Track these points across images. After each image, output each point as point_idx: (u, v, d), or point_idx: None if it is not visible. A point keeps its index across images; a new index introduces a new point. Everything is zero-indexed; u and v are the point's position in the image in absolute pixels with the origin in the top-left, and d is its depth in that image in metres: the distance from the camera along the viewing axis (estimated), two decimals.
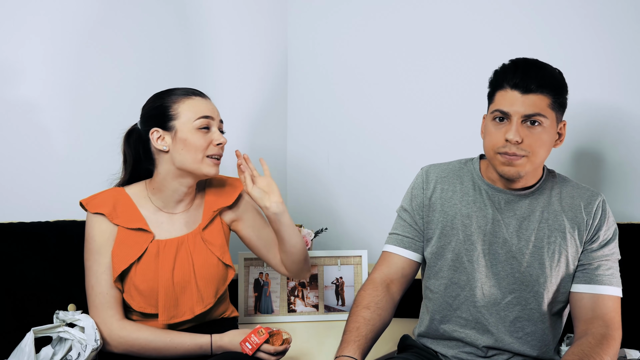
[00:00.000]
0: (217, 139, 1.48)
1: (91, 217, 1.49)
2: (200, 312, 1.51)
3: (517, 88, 1.33)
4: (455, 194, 1.49)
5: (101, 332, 1.44)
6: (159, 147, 1.48)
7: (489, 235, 1.43)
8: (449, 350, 1.46)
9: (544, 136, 1.34)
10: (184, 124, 1.46)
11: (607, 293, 1.37)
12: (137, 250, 1.47)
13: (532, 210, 1.42)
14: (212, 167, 1.49)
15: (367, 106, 2.32)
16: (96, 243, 1.47)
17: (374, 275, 1.51)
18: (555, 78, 1.35)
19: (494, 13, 2.05)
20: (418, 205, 1.52)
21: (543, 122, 1.33)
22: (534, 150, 1.34)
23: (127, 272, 1.47)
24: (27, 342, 1.30)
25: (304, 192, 2.48)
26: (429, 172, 1.54)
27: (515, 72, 1.34)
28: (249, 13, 2.32)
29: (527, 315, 1.41)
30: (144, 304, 1.47)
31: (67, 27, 1.77)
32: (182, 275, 1.49)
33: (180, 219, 1.55)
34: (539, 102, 1.33)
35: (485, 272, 1.42)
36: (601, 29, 1.88)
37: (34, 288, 1.51)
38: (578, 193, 1.44)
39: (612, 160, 1.88)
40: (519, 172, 1.36)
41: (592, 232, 1.40)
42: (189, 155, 1.46)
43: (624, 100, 1.86)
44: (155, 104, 1.51)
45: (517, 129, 1.33)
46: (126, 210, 1.50)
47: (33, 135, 1.71)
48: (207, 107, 1.50)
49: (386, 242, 1.55)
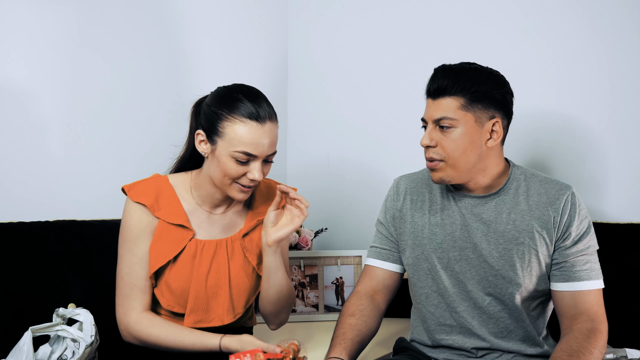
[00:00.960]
0: (251, 174, 1.37)
1: (131, 205, 1.43)
2: (230, 322, 1.47)
3: (429, 95, 1.40)
4: (424, 203, 1.51)
5: (120, 322, 1.43)
6: (199, 149, 1.41)
7: (460, 241, 1.44)
8: (440, 354, 1.48)
9: (458, 139, 1.36)
10: (224, 147, 1.35)
11: (587, 288, 1.37)
12: (175, 248, 1.43)
13: (498, 213, 1.42)
14: (239, 193, 1.40)
15: (367, 106, 2.32)
16: (132, 232, 1.42)
17: (358, 288, 1.54)
18: (468, 79, 1.35)
19: (493, 13, 2.05)
20: (391, 217, 1.56)
21: (454, 124, 1.35)
22: (450, 154, 1.36)
23: (162, 268, 1.43)
24: (25, 341, 1.30)
25: (304, 192, 2.46)
26: (399, 184, 1.58)
27: (430, 79, 1.40)
28: (249, 14, 2.32)
29: (507, 314, 1.42)
30: (174, 303, 1.45)
31: (63, 27, 1.76)
32: (216, 280, 1.45)
33: (220, 220, 1.50)
34: (448, 105, 1.36)
35: (461, 278, 1.43)
36: (601, 29, 1.88)
37: (33, 288, 1.50)
38: (545, 189, 1.41)
39: (613, 160, 1.87)
40: (441, 177, 1.39)
41: (562, 229, 1.38)
42: (219, 176, 1.39)
43: (625, 100, 1.86)
44: (212, 107, 1.39)
45: (429, 133, 1.38)
46: (169, 203, 1.44)
47: (32, 135, 1.71)
48: (256, 140, 1.35)
49: (367, 256, 1.59)
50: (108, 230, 1.61)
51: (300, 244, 2.11)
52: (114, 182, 1.68)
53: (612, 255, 1.61)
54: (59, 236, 1.60)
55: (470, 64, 1.40)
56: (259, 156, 1.36)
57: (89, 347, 1.35)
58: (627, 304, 1.60)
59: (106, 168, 1.86)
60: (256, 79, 2.37)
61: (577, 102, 1.91)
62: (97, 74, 1.84)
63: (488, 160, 1.40)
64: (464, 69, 1.38)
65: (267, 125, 1.36)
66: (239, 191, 1.40)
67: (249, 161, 1.36)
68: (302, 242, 2.11)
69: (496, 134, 1.39)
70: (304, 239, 2.11)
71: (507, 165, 1.47)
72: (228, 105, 1.37)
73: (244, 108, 1.36)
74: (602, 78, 1.88)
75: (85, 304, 1.44)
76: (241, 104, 1.36)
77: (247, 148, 1.34)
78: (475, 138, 1.37)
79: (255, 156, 1.36)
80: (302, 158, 2.48)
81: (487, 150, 1.39)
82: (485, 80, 1.37)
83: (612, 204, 1.86)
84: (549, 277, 1.41)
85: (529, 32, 1.99)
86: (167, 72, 2.01)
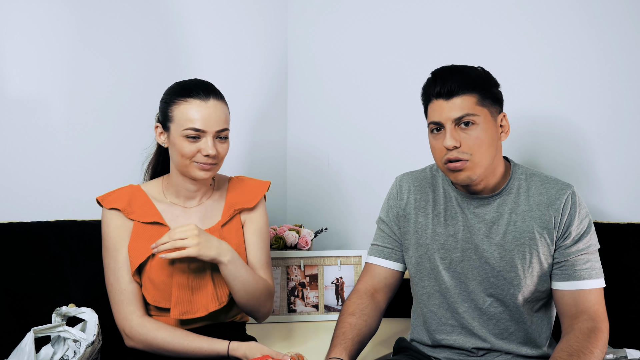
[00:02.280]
0: (204, 150, 1.43)
1: (106, 213, 1.49)
2: (215, 309, 1.49)
3: (440, 96, 1.37)
4: (428, 202, 1.51)
5: (122, 328, 1.45)
6: (160, 142, 1.51)
7: (462, 242, 1.44)
8: (441, 354, 1.48)
9: (481, 134, 1.35)
10: (176, 130, 1.45)
11: (588, 287, 1.36)
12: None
13: (500, 214, 1.42)
14: (199, 171, 1.46)
15: (367, 106, 2.32)
16: (112, 240, 1.48)
17: (358, 286, 1.54)
18: (475, 76, 1.37)
19: (493, 13, 2.05)
20: (394, 216, 1.55)
21: (475, 120, 1.35)
22: (475, 151, 1.35)
23: (143, 265, 1.47)
24: (27, 342, 1.30)
25: (304, 192, 2.48)
26: (402, 182, 1.57)
27: (436, 82, 1.38)
28: (249, 13, 2.32)
29: (508, 316, 1.42)
30: (159, 298, 1.47)
31: (62, 27, 1.76)
32: (197, 271, 1.48)
33: (197, 213, 1.55)
34: (465, 102, 1.35)
35: (462, 278, 1.44)
36: (601, 29, 1.88)
37: (34, 288, 1.50)
38: (546, 189, 1.42)
39: (613, 160, 1.87)
40: (470, 176, 1.37)
41: (563, 229, 1.39)
42: (178, 159, 1.47)
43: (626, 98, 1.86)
44: (163, 98, 1.51)
45: (452, 134, 1.35)
46: (142, 206, 1.51)
47: (32, 135, 1.71)
48: (202, 115, 1.43)
49: (368, 254, 1.59)
50: None
51: (300, 244, 2.11)
52: (114, 182, 1.68)
53: (612, 255, 1.61)
54: (59, 236, 1.60)
55: (456, 65, 1.41)
56: (207, 131, 1.43)
57: (90, 347, 1.35)
58: (627, 304, 1.60)
59: (106, 168, 1.86)
60: (256, 79, 2.37)
61: (577, 102, 1.91)
62: (97, 74, 1.84)
63: (498, 157, 1.42)
64: (464, 69, 1.39)
65: (210, 101, 1.45)
66: (199, 169, 1.46)
67: (199, 137, 1.43)
68: (302, 242, 2.11)
69: (505, 128, 1.42)
70: (304, 239, 2.11)
71: (507, 164, 1.48)
72: (174, 92, 1.48)
73: (187, 91, 1.46)
74: (601, 78, 1.88)
75: (85, 304, 1.44)
76: (185, 88, 1.47)
77: (194, 124, 1.42)
78: (492, 133, 1.38)
79: (204, 131, 1.43)
80: (302, 158, 2.47)
81: (499, 146, 1.41)
82: (486, 79, 1.40)
83: (612, 204, 1.86)
84: (550, 276, 1.41)
85: (529, 32, 1.99)
86: (167, 71, 2.01)
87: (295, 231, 2.11)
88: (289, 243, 2.09)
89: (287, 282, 2.02)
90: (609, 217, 1.84)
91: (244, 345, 1.43)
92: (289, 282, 2.02)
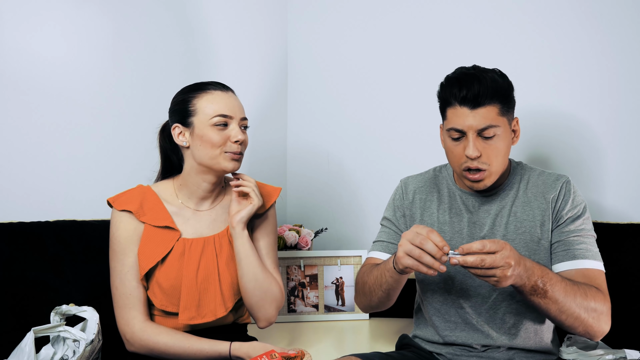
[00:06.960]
0: (234, 136, 1.45)
1: (117, 215, 1.48)
2: (223, 315, 1.48)
3: (465, 104, 1.36)
4: (432, 202, 1.54)
5: (124, 334, 1.45)
6: (180, 142, 1.48)
7: (467, 238, 1.46)
8: (443, 349, 1.49)
9: (500, 144, 1.38)
10: (201, 121, 1.45)
11: (588, 266, 1.36)
12: (164, 249, 1.46)
13: (502, 206, 1.46)
14: (230, 162, 1.46)
15: (367, 106, 2.32)
16: (121, 244, 1.46)
17: (360, 273, 1.55)
18: (498, 83, 1.36)
19: (494, 13, 2.05)
20: (401, 215, 1.58)
21: (497, 131, 1.36)
22: (492, 161, 1.38)
23: (152, 270, 1.46)
24: (27, 342, 1.29)
25: (304, 192, 2.48)
26: (407, 183, 1.60)
27: (460, 88, 1.36)
28: (249, 13, 2.32)
29: (514, 310, 1.43)
30: (166, 302, 1.46)
31: (61, 27, 1.77)
32: (206, 276, 1.48)
33: (207, 217, 1.54)
34: (489, 113, 1.35)
35: (468, 274, 1.44)
36: (601, 29, 1.88)
37: (33, 288, 1.51)
38: (542, 180, 1.47)
39: (613, 159, 1.87)
40: (487, 184, 1.41)
41: (556, 212, 1.42)
42: (206, 151, 1.45)
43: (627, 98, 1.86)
44: (177, 99, 1.51)
45: (474, 144, 1.36)
46: (153, 208, 1.49)
47: (32, 135, 1.71)
48: (226, 103, 1.46)
49: (371, 250, 1.59)
50: (108, 230, 1.61)
51: (300, 244, 2.11)
52: (114, 182, 1.68)
53: (612, 255, 1.61)
54: (59, 236, 1.60)
55: (477, 69, 1.40)
56: (234, 117, 1.46)
57: (90, 346, 1.35)
58: (626, 304, 1.60)
59: (106, 168, 1.86)
60: (256, 79, 2.37)
61: (577, 101, 1.91)
62: (97, 74, 1.84)
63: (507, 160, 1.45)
64: (486, 75, 1.37)
65: (230, 92, 1.50)
66: (229, 159, 1.46)
67: (227, 124, 1.46)
68: (302, 242, 2.11)
69: (517, 132, 1.45)
70: (304, 239, 2.11)
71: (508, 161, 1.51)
72: (191, 89, 1.50)
73: (204, 85, 1.50)
74: (601, 77, 1.88)
75: (85, 304, 1.44)
76: (202, 84, 1.51)
77: (221, 110, 1.45)
78: (508, 141, 1.41)
79: (231, 117, 1.46)
80: (302, 158, 2.47)
81: (510, 150, 1.43)
82: (507, 86, 1.39)
83: (611, 203, 1.86)
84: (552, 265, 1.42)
85: (529, 32, 1.99)
86: (167, 72, 2.01)
87: (295, 231, 2.12)
88: (289, 243, 2.09)
89: (287, 282, 2.02)
90: (609, 217, 1.84)
91: (245, 344, 1.43)
92: (289, 282, 2.02)
